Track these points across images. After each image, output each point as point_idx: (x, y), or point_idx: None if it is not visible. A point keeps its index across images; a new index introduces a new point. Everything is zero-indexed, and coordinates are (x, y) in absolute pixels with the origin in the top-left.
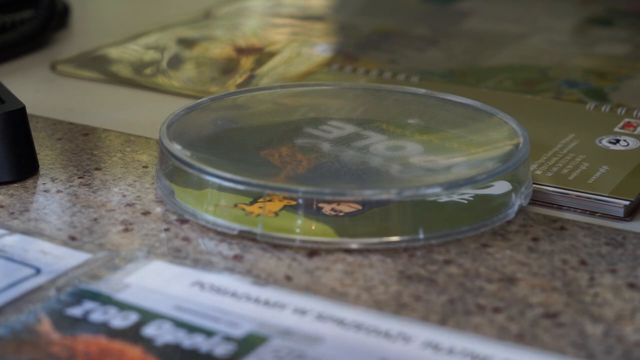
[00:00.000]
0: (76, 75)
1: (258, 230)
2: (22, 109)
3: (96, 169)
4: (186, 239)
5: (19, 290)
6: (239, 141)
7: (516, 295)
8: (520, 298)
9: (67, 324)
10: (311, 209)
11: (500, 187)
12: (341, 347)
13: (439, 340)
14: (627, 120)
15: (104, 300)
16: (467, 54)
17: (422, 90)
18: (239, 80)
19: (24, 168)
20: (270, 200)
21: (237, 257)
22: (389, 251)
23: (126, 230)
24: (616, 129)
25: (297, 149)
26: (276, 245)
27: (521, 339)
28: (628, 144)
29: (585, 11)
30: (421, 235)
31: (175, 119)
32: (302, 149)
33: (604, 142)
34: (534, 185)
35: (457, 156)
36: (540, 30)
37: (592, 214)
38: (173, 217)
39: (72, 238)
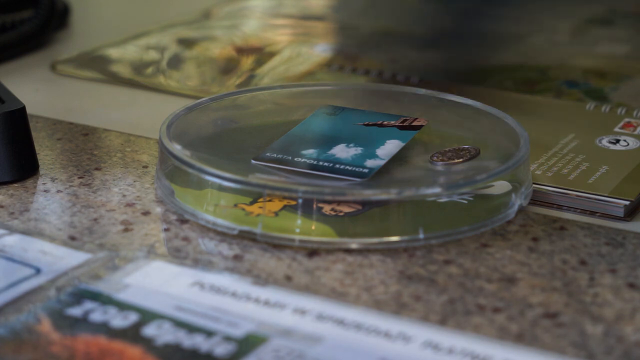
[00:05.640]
0: (76, 75)
1: (258, 230)
2: (22, 109)
3: (96, 169)
4: (186, 239)
5: (19, 290)
6: (239, 141)
7: (516, 295)
8: (520, 298)
9: (67, 324)
10: (311, 209)
11: (500, 187)
12: (341, 347)
13: (439, 340)
14: (627, 120)
15: (104, 300)
16: (467, 54)
17: (422, 90)
18: (239, 80)
19: (24, 168)
20: (270, 200)
21: (237, 257)
22: (389, 251)
23: (126, 230)
24: (616, 129)
25: None
26: (276, 245)
27: (521, 339)
28: (628, 144)
29: (585, 11)
30: (421, 235)
31: (175, 119)
32: None
33: (604, 142)
34: (534, 185)
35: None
36: (540, 30)
37: (592, 214)
38: (173, 217)
39: (72, 238)
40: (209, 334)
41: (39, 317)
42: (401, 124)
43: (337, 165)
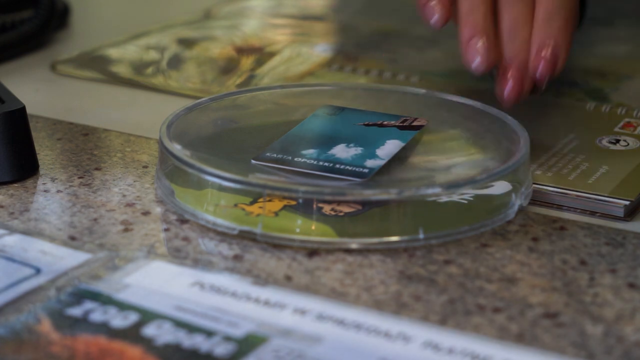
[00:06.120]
0: (76, 75)
1: (258, 230)
2: (22, 109)
3: (96, 169)
4: (186, 239)
5: (19, 290)
6: (239, 141)
7: (516, 295)
8: (520, 298)
9: (67, 324)
10: (311, 209)
11: (500, 187)
12: (341, 347)
13: (439, 340)
14: (627, 120)
15: (104, 300)
16: None
17: (422, 90)
18: (239, 80)
19: (24, 168)
20: (270, 200)
21: (237, 257)
22: (389, 251)
23: (126, 230)
24: (616, 129)
25: None
26: (276, 245)
27: (521, 339)
28: (628, 144)
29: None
30: (421, 235)
31: (175, 119)
32: None
33: (604, 142)
34: (534, 185)
35: (457, 156)
36: None
37: (592, 214)
38: (173, 217)
39: (72, 238)
40: (209, 334)
41: (39, 317)
42: (401, 124)
43: (337, 165)
